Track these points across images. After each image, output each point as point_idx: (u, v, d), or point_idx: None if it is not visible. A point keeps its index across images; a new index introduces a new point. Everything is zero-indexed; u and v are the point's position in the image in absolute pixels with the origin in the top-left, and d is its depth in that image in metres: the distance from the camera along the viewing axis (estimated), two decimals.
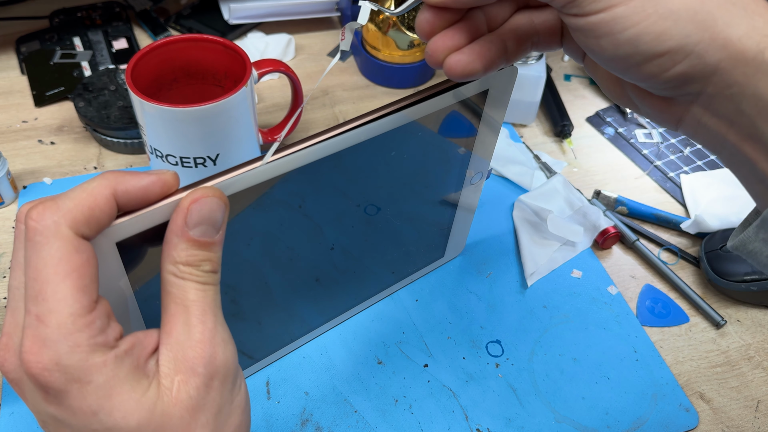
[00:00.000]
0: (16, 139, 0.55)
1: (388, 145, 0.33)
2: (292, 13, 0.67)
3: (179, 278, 0.24)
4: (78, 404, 0.21)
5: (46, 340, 0.21)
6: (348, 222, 0.37)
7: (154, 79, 0.49)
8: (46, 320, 0.21)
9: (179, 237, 0.24)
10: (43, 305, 0.21)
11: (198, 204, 0.24)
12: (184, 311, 0.24)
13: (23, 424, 0.38)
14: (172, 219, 0.24)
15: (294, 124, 0.55)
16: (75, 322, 0.21)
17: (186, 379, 0.23)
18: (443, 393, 0.41)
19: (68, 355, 0.21)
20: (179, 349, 0.23)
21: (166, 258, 0.24)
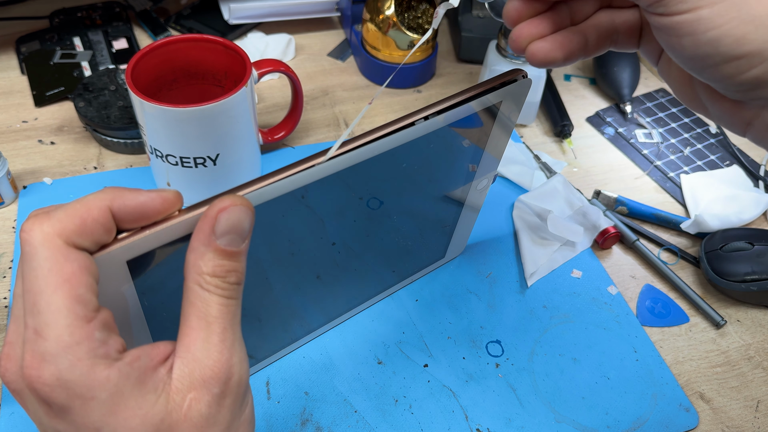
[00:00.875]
0: (16, 139, 0.55)
1: (398, 153, 0.33)
2: (292, 13, 0.68)
3: (204, 290, 0.23)
4: (81, 420, 0.21)
5: (45, 355, 0.20)
6: (350, 216, 0.37)
7: (154, 79, 0.49)
8: (43, 334, 0.20)
9: (206, 246, 0.23)
10: (38, 318, 0.21)
11: (226, 213, 0.23)
12: (205, 327, 0.23)
13: (23, 425, 0.38)
14: (199, 228, 0.23)
15: (293, 124, 0.55)
16: (73, 334, 0.21)
17: (199, 396, 0.22)
18: (443, 393, 0.41)
19: (69, 371, 0.20)
20: (196, 367, 0.23)
21: (192, 268, 0.23)
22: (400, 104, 0.62)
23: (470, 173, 0.40)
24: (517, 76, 0.34)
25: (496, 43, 0.58)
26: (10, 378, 0.22)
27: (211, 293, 0.23)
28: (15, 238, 0.48)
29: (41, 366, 0.20)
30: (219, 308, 0.23)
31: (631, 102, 0.62)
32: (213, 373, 0.23)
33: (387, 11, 0.59)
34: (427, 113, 0.31)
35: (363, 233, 0.39)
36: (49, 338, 0.20)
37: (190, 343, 0.23)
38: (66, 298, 0.21)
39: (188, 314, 0.23)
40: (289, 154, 0.56)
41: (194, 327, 0.23)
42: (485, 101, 0.33)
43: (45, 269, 0.21)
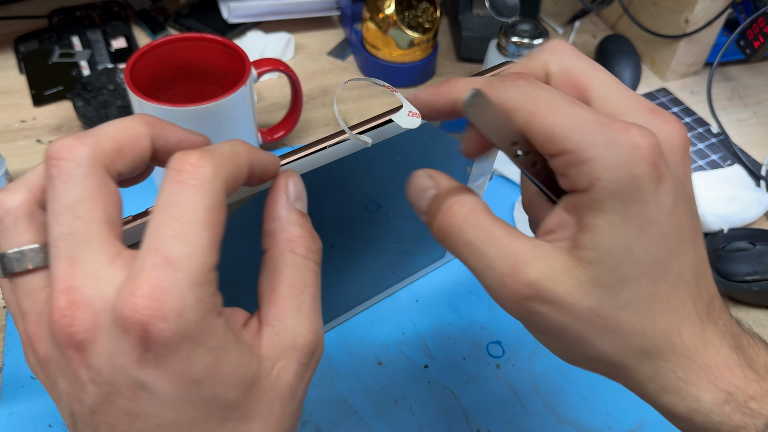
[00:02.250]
0: (14, 139, 0.55)
1: (392, 144, 0.33)
2: (292, 12, 0.67)
3: (297, 255, 0.23)
4: (182, 368, 0.19)
5: (173, 287, 0.18)
6: (349, 219, 0.37)
7: (153, 79, 0.48)
8: (179, 264, 0.19)
9: (289, 210, 0.23)
10: (179, 247, 0.19)
11: (292, 179, 0.24)
12: (297, 294, 0.23)
13: (21, 425, 0.38)
14: (275, 196, 0.23)
15: (293, 124, 0.55)
16: (205, 273, 0.19)
17: (288, 366, 0.22)
18: (444, 394, 0.41)
19: (193, 309, 0.19)
20: (288, 335, 0.22)
21: (282, 234, 0.23)
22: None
23: (466, 173, 0.40)
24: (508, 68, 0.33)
25: (496, 42, 0.57)
26: (80, 327, 0.19)
27: (304, 258, 0.23)
28: None
29: (164, 297, 0.18)
30: (311, 275, 0.23)
31: None
32: (306, 341, 0.22)
33: (387, 10, 0.59)
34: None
35: (362, 236, 0.39)
36: (182, 270, 0.19)
37: (280, 311, 0.22)
38: (212, 240, 0.20)
39: (277, 282, 0.23)
40: None
41: (285, 295, 0.22)
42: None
43: (205, 205, 0.19)
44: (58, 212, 0.20)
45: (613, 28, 0.73)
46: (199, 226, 0.19)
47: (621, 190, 0.21)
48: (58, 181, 0.20)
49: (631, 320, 0.22)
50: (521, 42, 0.55)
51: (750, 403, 0.23)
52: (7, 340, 0.42)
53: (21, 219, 0.21)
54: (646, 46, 0.68)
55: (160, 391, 0.19)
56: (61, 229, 0.20)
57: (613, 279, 0.21)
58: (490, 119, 0.22)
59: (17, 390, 0.39)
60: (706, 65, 0.68)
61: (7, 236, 0.21)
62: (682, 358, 0.23)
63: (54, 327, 0.19)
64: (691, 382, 0.23)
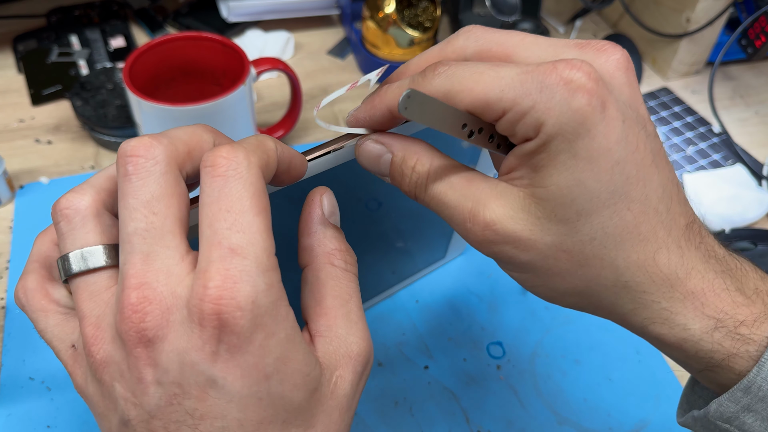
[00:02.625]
0: (12, 139, 0.55)
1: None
2: (292, 10, 0.67)
3: (337, 267, 0.23)
4: (255, 361, 0.19)
5: (243, 274, 0.18)
6: (349, 217, 0.36)
7: (152, 78, 0.48)
8: (243, 252, 0.19)
9: (325, 225, 0.24)
10: (240, 236, 0.19)
11: (326, 195, 0.24)
12: (344, 304, 0.23)
13: (20, 426, 0.38)
14: (310, 211, 0.24)
15: (292, 123, 0.55)
16: (269, 258, 0.19)
17: (344, 375, 0.22)
18: (444, 395, 0.41)
19: (265, 294, 0.19)
20: (342, 344, 0.22)
21: (319, 248, 0.23)
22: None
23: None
24: None
25: None
26: (152, 323, 0.19)
27: (343, 270, 0.23)
28: (12, 238, 0.47)
29: (236, 286, 0.18)
30: (353, 285, 0.23)
31: None
32: (359, 349, 0.22)
33: (387, 9, 0.59)
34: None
35: (362, 235, 0.38)
36: (248, 257, 0.19)
37: (330, 321, 0.22)
38: (265, 224, 0.20)
39: (322, 295, 0.23)
40: None
41: (331, 306, 0.23)
42: None
43: (250, 192, 0.20)
44: (134, 208, 0.20)
45: (615, 27, 0.73)
46: (250, 214, 0.19)
47: (564, 129, 0.20)
48: (134, 178, 0.20)
49: (598, 253, 0.22)
50: None
51: (740, 328, 0.22)
52: (6, 340, 0.41)
53: (89, 219, 0.21)
54: (647, 45, 0.67)
55: (231, 387, 0.19)
56: (136, 224, 0.20)
57: (570, 213, 0.22)
58: (431, 113, 0.21)
59: (16, 391, 0.39)
60: (707, 64, 0.68)
61: (74, 236, 0.21)
62: (663, 287, 0.22)
63: (124, 323, 0.19)
64: (676, 311, 0.22)
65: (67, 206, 0.21)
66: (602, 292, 0.23)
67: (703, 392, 0.27)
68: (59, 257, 0.21)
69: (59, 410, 0.38)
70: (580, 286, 0.23)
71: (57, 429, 0.38)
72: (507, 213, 0.22)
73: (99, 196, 0.22)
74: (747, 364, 0.22)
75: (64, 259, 0.21)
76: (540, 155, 0.21)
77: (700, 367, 0.23)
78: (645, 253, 0.22)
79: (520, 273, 0.24)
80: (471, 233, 0.23)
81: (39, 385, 0.39)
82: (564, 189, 0.21)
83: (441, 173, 0.24)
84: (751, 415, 0.22)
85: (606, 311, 0.24)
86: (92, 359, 0.20)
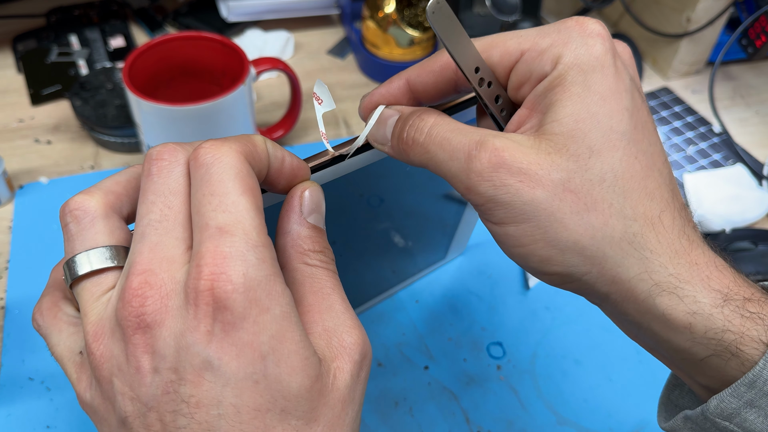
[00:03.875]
0: (12, 139, 0.55)
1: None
2: (292, 10, 0.67)
3: (311, 266, 0.23)
4: (249, 338, 0.19)
5: (232, 250, 0.19)
6: (351, 214, 0.36)
7: (151, 78, 0.48)
8: (231, 230, 0.19)
9: (300, 225, 0.23)
10: (225, 216, 0.19)
11: (309, 192, 0.24)
12: (325, 298, 0.22)
13: (19, 426, 0.38)
14: (287, 210, 0.23)
15: (292, 123, 0.55)
16: (259, 234, 0.19)
17: (342, 366, 0.21)
18: (444, 395, 0.41)
19: (256, 268, 0.19)
20: (333, 336, 0.22)
21: (293, 248, 0.23)
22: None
23: None
24: None
25: None
26: (151, 308, 0.19)
27: (319, 268, 0.23)
28: (11, 238, 0.47)
29: (226, 262, 0.18)
30: (332, 281, 0.23)
31: None
32: (352, 339, 0.22)
33: (387, 8, 0.59)
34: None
35: (363, 232, 0.38)
36: (236, 234, 0.19)
37: (314, 317, 0.22)
38: (252, 203, 0.20)
39: (301, 294, 0.22)
40: None
41: (313, 303, 0.22)
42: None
43: (231, 174, 0.20)
44: (152, 202, 0.21)
45: (615, 27, 0.72)
46: (234, 194, 0.20)
47: (580, 60, 0.22)
48: (157, 177, 0.21)
49: (607, 197, 0.21)
50: None
51: (748, 305, 0.21)
52: (6, 340, 0.41)
53: (98, 219, 0.21)
54: (647, 45, 0.67)
55: (226, 368, 0.19)
56: (151, 216, 0.20)
57: (582, 149, 0.21)
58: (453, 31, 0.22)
59: (15, 391, 0.39)
60: (708, 64, 0.68)
61: (83, 236, 0.21)
62: (669, 251, 0.21)
63: (124, 309, 0.19)
64: (684, 279, 0.21)
65: (76, 207, 0.21)
66: (608, 248, 0.21)
67: (684, 397, 0.26)
68: (66, 260, 0.21)
69: (59, 410, 0.38)
70: (584, 237, 0.21)
71: (57, 429, 0.38)
72: (516, 145, 0.22)
73: (107, 198, 0.22)
74: (754, 352, 0.21)
75: (71, 262, 0.21)
76: (555, 89, 0.22)
77: (705, 354, 0.22)
78: (651, 209, 0.21)
79: (517, 225, 0.22)
80: (475, 160, 0.22)
81: (39, 385, 0.39)
82: (578, 121, 0.21)
83: (447, 121, 0.24)
84: (754, 411, 0.21)
85: (609, 277, 0.22)
86: (92, 357, 0.20)
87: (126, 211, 0.23)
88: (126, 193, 0.22)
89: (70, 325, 0.23)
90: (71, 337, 0.22)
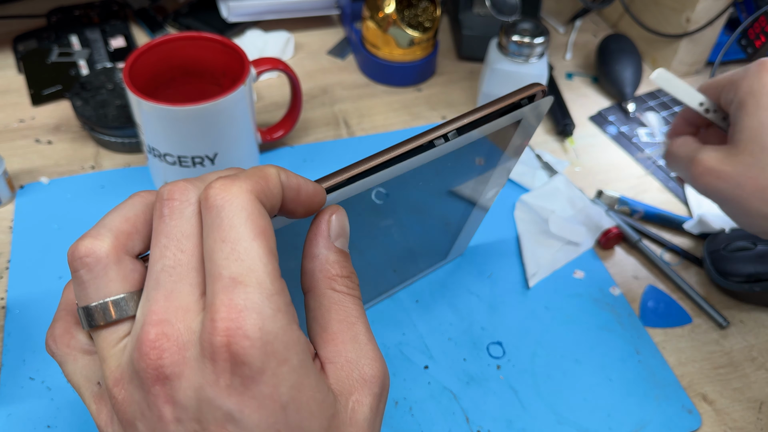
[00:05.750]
0: (12, 139, 0.55)
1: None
2: (292, 10, 0.67)
3: (338, 292, 0.23)
4: (269, 391, 0.19)
5: (247, 303, 0.18)
6: (354, 207, 0.36)
7: (152, 78, 0.48)
8: (245, 280, 0.19)
9: (328, 250, 0.23)
10: (238, 264, 0.19)
11: (336, 216, 0.24)
12: (349, 328, 0.22)
13: (20, 426, 0.38)
14: (316, 233, 0.23)
15: (292, 123, 0.55)
16: (273, 282, 0.19)
17: (361, 399, 0.21)
18: (444, 395, 0.41)
19: (272, 321, 0.19)
20: (353, 368, 0.22)
21: (320, 273, 0.23)
22: (400, 102, 0.62)
23: (480, 191, 0.39)
24: (536, 92, 0.31)
25: (497, 41, 0.57)
26: (169, 360, 0.19)
27: (345, 294, 0.23)
28: (12, 238, 0.47)
29: (241, 316, 0.18)
30: (357, 308, 0.23)
31: (633, 100, 0.62)
32: (373, 371, 0.22)
33: (387, 9, 0.59)
34: (446, 130, 0.30)
35: (367, 229, 0.38)
36: (250, 284, 0.19)
37: (338, 347, 0.22)
38: (264, 248, 0.19)
39: (327, 321, 0.23)
40: (287, 153, 0.56)
41: (338, 331, 0.22)
42: (504, 121, 0.32)
43: (242, 218, 0.19)
44: (165, 246, 0.20)
45: (615, 27, 0.73)
46: (246, 240, 0.19)
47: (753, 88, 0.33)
48: (168, 219, 0.21)
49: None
50: (522, 41, 0.54)
51: None
52: (6, 340, 0.41)
53: (111, 266, 0.21)
54: (647, 45, 0.67)
55: (248, 421, 0.19)
56: (165, 262, 0.20)
57: (756, 148, 0.33)
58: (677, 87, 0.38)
59: (16, 391, 0.39)
60: (707, 65, 0.68)
61: (96, 285, 0.21)
62: None
63: (142, 360, 0.19)
64: None
65: (86, 254, 0.21)
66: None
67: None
68: (80, 307, 0.21)
69: (59, 410, 0.38)
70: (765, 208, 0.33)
71: (57, 429, 0.38)
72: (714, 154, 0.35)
73: (118, 240, 0.21)
74: None
75: (86, 310, 0.21)
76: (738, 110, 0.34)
77: None
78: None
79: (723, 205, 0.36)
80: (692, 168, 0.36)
81: (39, 385, 0.39)
82: (753, 129, 0.33)
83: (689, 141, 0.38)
84: None
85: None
86: (114, 401, 0.20)
87: (138, 249, 0.22)
88: (136, 230, 0.22)
89: (85, 354, 0.22)
90: (87, 367, 0.22)
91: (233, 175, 0.21)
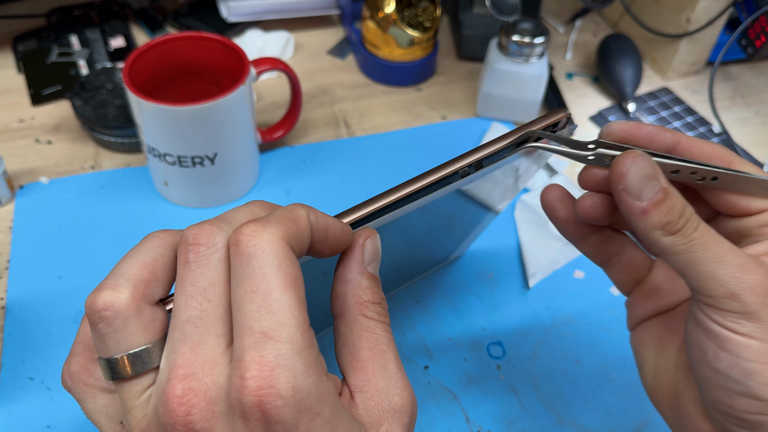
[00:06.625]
0: (12, 139, 0.55)
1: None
2: (292, 10, 0.67)
3: (370, 319, 0.23)
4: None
5: (279, 359, 0.18)
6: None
7: (152, 78, 0.48)
8: (276, 335, 0.18)
9: (361, 274, 0.23)
10: (269, 318, 0.18)
11: (370, 241, 0.23)
12: (379, 356, 0.22)
13: (20, 426, 0.38)
14: (350, 258, 0.23)
15: (292, 123, 0.55)
16: (303, 336, 0.19)
17: (391, 429, 0.21)
18: (444, 395, 0.41)
19: (304, 377, 0.18)
20: (383, 398, 0.22)
21: (352, 298, 0.23)
22: (400, 102, 0.62)
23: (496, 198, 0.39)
24: (560, 119, 0.30)
25: (497, 41, 0.57)
26: (198, 416, 0.19)
27: (376, 321, 0.23)
28: (11, 238, 0.47)
29: (274, 374, 0.18)
30: (386, 336, 0.23)
31: (633, 100, 0.62)
32: (402, 401, 0.22)
33: (387, 9, 0.59)
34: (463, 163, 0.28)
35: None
36: (282, 340, 0.18)
37: (368, 376, 0.22)
38: (295, 299, 0.19)
39: (357, 348, 0.22)
40: (287, 153, 0.56)
41: (368, 359, 0.22)
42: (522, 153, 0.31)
43: (274, 267, 0.19)
44: (191, 295, 0.20)
45: (615, 27, 0.72)
46: (277, 291, 0.19)
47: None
48: (194, 266, 0.20)
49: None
50: (522, 41, 0.54)
51: None
52: (6, 340, 0.41)
53: (131, 319, 0.20)
54: (647, 45, 0.67)
55: None
56: (190, 312, 0.20)
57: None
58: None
59: (15, 391, 0.39)
60: (707, 64, 0.68)
61: (116, 338, 0.20)
62: None
63: (169, 416, 0.19)
64: None
65: (105, 307, 0.20)
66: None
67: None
68: (101, 358, 0.21)
69: (59, 410, 0.38)
70: None
71: (57, 429, 0.38)
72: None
73: (137, 290, 0.21)
74: None
75: (108, 363, 0.20)
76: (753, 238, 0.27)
77: None
78: None
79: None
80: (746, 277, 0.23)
81: (39, 385, 0.39)
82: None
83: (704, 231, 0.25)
84: None
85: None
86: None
87: (158, 295, 0.21)
88: (155, 277, 0.21)
89: (105, 393, 0.22)
90: (108, 405, 0.22)
91: (263, 218, 0.20)
